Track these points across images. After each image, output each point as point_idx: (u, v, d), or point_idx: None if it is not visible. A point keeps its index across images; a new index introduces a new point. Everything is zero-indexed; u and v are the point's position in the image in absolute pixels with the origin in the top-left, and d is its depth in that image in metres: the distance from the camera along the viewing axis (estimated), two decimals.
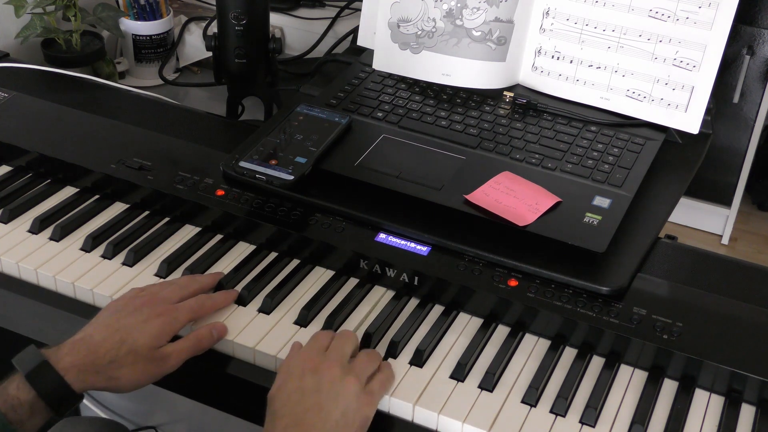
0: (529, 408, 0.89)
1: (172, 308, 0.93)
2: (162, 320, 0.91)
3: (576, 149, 1.16)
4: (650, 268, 1.01)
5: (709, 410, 0.91)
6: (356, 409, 0.84)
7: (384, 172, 1.10)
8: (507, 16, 1.25)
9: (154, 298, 0.94)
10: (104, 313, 0.92)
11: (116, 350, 0.87)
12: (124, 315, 0.91)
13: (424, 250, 1.02)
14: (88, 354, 0.87)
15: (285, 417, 0.83)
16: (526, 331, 0.98)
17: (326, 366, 0.86)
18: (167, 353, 0.90)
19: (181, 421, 1.57)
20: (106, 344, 0.88)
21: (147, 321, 0.90)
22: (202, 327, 0.94)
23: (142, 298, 0.93)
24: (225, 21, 1.32)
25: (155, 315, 0.91)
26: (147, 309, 0.91)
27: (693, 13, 1.16)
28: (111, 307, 0.93)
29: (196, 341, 0.93)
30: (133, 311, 0.91)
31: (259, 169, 1.09)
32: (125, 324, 0.89)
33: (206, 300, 0.97)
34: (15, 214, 1.11)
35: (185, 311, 0.94)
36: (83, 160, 1.15)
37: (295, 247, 1.06)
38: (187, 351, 0.92)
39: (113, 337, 0.88)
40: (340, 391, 0.85)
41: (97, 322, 0.91)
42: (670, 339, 0.92)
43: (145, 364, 0.89)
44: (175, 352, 0.91)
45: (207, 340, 0.94)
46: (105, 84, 1.36)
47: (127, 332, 0.89)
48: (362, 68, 1.33)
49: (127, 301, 0.93)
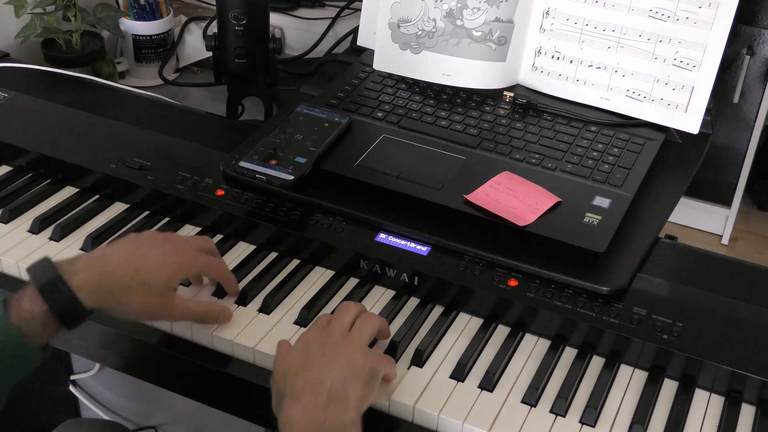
0: (529, 408, 0.89)
1: (192, 253, 0.94)
2: (179, 261, 0.91)
3: (576, 149, 1.16)
4: (650, 268, 1.01)
5: (709, 410, 0.91)
6: (363, 358, 0.85)
7: (384, 172, 1.10)
8: (507, 16, 1.25)
9: (176, 240, 0.95)
10: (125, 239, 0.93)
11: (130, 278, 0.87)
12: (144, 244, 0.91)
13: (424, 250, 1.02)
14: (102, 275, 0.87)
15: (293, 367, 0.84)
16: (526, 331, 0.98)
17: (327, 333, 0.88)
18: (176, 303, 0.91)
19: (181, 421, 1.57)
20: (122, 269, 0.87)
21: (166, 256, 0.91)
22: (215, 303, 0.97)
23: (166, 234, 0.95)
24: (225, 21, 1.32)
25: (173, 252, 0.92)
26: (168, 244, 0.92)
27: (693, 13, 1.16)
28: (132, 235, 0.93)
29: (204, 311, 0.94)
30: (155, 243, 0.92)
31: (259, 169, 1.09)
32: (144, 253, 0.90)
33: (222, 265, 0.98)
34: (15, 214, 1.11)
35: (201, 261, 0.95)
36: (83, 160, 1.15)
37: (295, 247, 1.06)
38: (192, 313, 0.93)
39: (130, 264, 0.88)
40: (343, 347, 0.86)
41: (117, 245, 0.91)
42: (670, 339, 0.92)
43: (154, 299, 0.89)
44: (182, 307, 0.92)
45: (213, 315, 0.95)
46: (105, 84, 1.36)
47: (144, 264, 0.89)
48: (362, 68, 1.33)
49: (149, 234, 0.95)
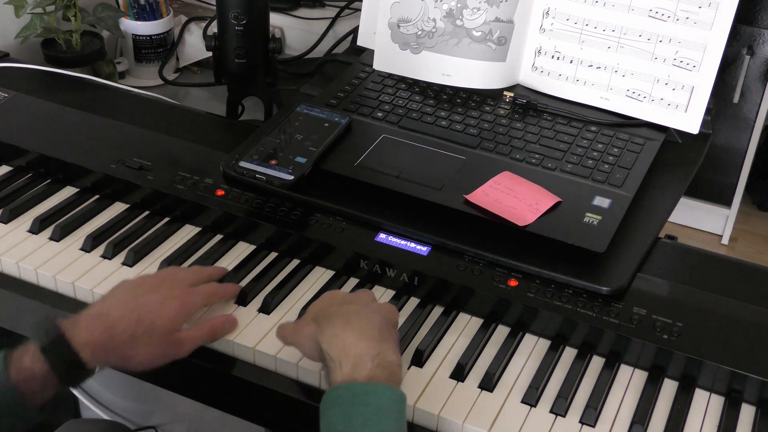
0: (529, 408, 0.89)
1: (189, 291, 0.93)
2: (178, 302, 0.90)
3: (576, 149, 1.16)
4: (650, 268, 1.01)
5: (709, 410, 0.91)
6: (390, 311, 0.89)
7: (384, 172, 1.10)
8: (507, 16, 1.25)
9: (171, 278, 0.94)
10: (119, 289, 0.91)
11: (133, 329, 0.86)
12: (141, 293, 0.90)
13: (424, 250, 1.02)
14: (105, 331, 0.86)
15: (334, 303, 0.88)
16: (526, 331, 0.98)
17: (352, 297, 0.91)
18: (182, 339, 0.90)
19: (181, 421, 1.57)
20: (123, 322, 0.86)
21: (164, 302, 0.89)
22: (217, 317, 0.95)
23: (159, 278, 0.94)
24: (225, 21, 1.32)
25: (172, 296, 0.90)
26: (164, 289, 0.91)
27: (693, 13, 1.16)
28: (126, 284, 0.92)
29: (210, 330, 0.93)
30: (151, 289, 0.91)
31: (259, 169, 1.09)
32: (142, 302, 0.89)
33: (218, 288, 0.98)
34: (15, 214, 1.11)
35: (200, 296, 0.94)
36: (83, 160, 1.15)
37: (295, 247, 1.06)
38: (201, 339, 0.92)
39: (130, 315, 0.87)
40: (374, 307, 0.89)
41: (114, 297, 0.90)
42: (670, 339, 0.92)
43: (160, 346, 0.88)
44: (190, 339, 0.91)
45: (220, 330, 0.94)
46: (105, 84, 1.36)
47: (145, 312, 0.88)
48: (362, 68, 1.33)
49: (143, 279, 0.93)
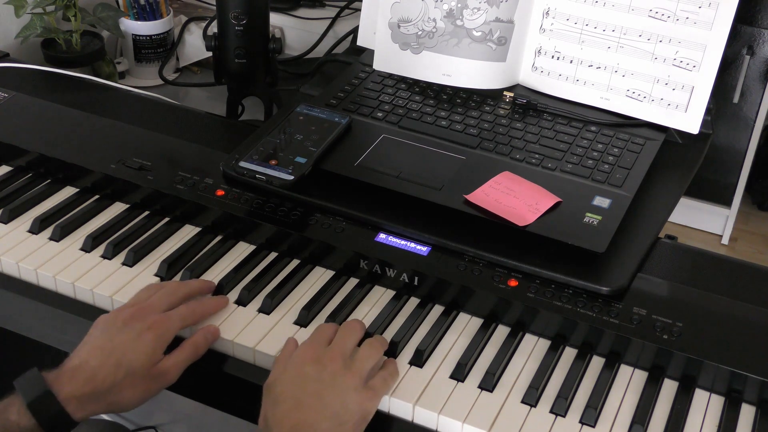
0: (529, 408, 0.89)
1: (163, 318, 0.91)
2: (153, 333, 0.89)
3: (576, 149, 1.16)
4: (650, 268, 1.01)
5: (709, 410, 0.91)
6: (357, 402, 0.84)
7: (384, 172, 1.10)
8: (507, 17, 1.25)
9: (142, 309, 0.91)
10: (95, 331, 0.90)
11: (113, 375, 0.86)
12: (115, 332, 0.88)
13: (424, 250, 1.02)
14: (87, 383, 0.85)
15: (286, 401, 0.83)
16: (526, 331, 0.98)
17: (328, 358, 0.87)
18: (165, 368, 0.89)
19: (181, 421, 1.57)
20: (103, 370, 0.86)
21: (139, 337, 0.88)
22: (196, 333, 0.93)
23: (130, 310, 0.91)
24: (225, 21, 1.32)
25: (146, 328, 0.89)
26: (137, 323, 0.89)
27: (693, 13, 1.16)
28: (100, 323, 0.90)
29: (193, 349, 0.92)
30: (123, 327, 0.89)
31: (259, 169, 1.09)
32: (118, 343, 0.87)
33: (197, 306, 0.95)
34: (15, 214, 1.11)
35: (176, 319, 0.92)
36: (83, 160, 1.15)
37: (295, 247, 1.06)
38: (185, 362, 0.91)
39: (108, 360, 0.86)
40: (341, 384, 0.85)
41: (91, 343, 0.89)
42: (670, 339, 0.92)
43: (144, 383, 0.88)
44: (174, 366, 0.90)
45: (202, 346, 0.93)
46: (105, 84, 1.36)
47: (122, 353, 0.87)
48: (362, 68, 1.33)
49: (115, 315, 0.91)
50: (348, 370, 0.86)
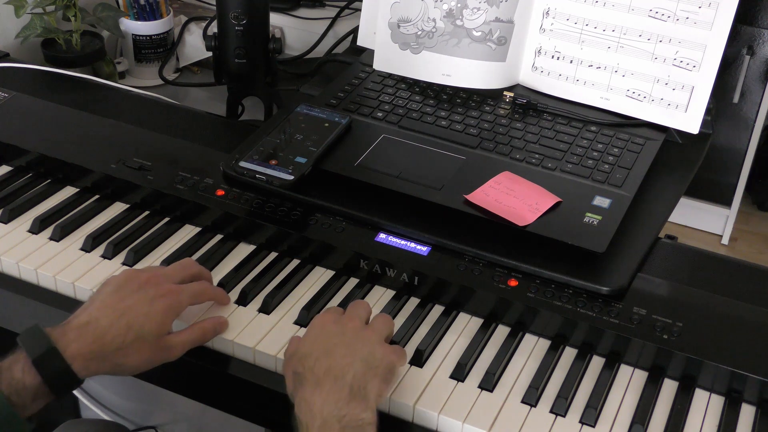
0: (529, 408, 0.89)
1: (176, 289, 0.91)
2: (166, 301, 0.89)
3: (576, 149, 1.16)
4: (650, 268, 1.01)
5: (709, 410, 0.91)
6: (383, 352, 0.86)
7: (384, 172, 1.10)
8: (507, 16, 1.25)
9: (157, 276, 0.92)
10: (106, 289, 0.90)
11: (123, 336, 0.85)
12: (127, 293, 0.88)
13: (424, 250, 1.02)
14: (95, 341, 0.85)
15: (314, 352, 0.84)
16: (526, 331, 0.98)
17: (347, 318, 0.88)
18: (173, 343, 0.90)
19: (181, 421, 1.57)
20: (113, 330, 0.85)
21: (152, 302, 0.88)
22: (207, 320, 0.94)
23: (146, 275, 0.91)
24: (225, 21, 1.32)
25: (159, 295, 0.89)
26: (151, 288, 0.89)
27: (693, 13, 1.16)
28: (112, 282, 0.90)
29: (201, 333, 0.93)
30: (137, 289, 0.89)
31: (259, 169, 1.09)
32: (130, 305, 0.87)
33: (207, 287, 0.96)
34: (15, 214, 1.11)
35: (188, 293, 0.92)
36: (83, 160, 1.15)
37: (295, 247, 1.06)
38: (191, 342, 0.92)
39: (119, 321, 0.86)
40: (364, 337, 0.86)
41: (101, 301, 0.88)
42: (670, 339, 0.92)
43: (150, 350, 0.88)
44: (180, 344, 0.90)
45: (210, 333, 0.94)
46: (105, 84, 1.36)
47: (133, 316, 0.87)
48: (362, 68, 1.33)
49: (130, 276, 0.91)
50: (368, 329, 0.88)
